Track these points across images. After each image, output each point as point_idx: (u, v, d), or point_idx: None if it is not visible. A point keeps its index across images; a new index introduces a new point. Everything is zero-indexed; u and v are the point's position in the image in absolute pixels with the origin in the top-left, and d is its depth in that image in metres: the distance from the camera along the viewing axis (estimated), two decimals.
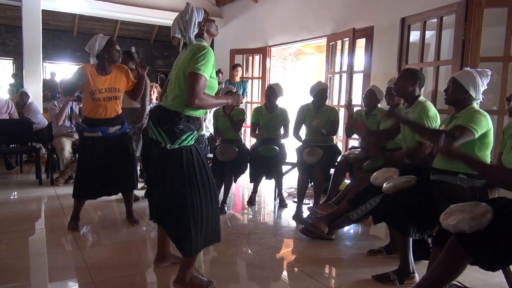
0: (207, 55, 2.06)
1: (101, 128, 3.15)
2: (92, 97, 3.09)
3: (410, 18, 4.09)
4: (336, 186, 3.85)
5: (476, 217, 1.73)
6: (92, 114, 3.15)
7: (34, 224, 3.46)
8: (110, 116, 3.19)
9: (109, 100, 3.15)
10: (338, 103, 5.33)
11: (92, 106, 3.12)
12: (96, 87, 3.08)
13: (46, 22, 9.05)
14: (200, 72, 2.02)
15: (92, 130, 3.15)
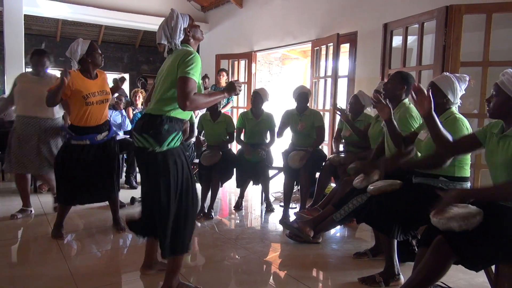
0: (195, 60, 2.09)
1: (89, 136, 3.10)
2: (86, 101, 3.03)
3: (392, 23, 4.17)
4: (321, 190, 3.89)
5: (467, 216, 1.77)
6: (81, 121, 3.08)
7: (17, 233, 3.40)
8: (100, 122, 3.17)
9: (101, 103, 3.13)
10: (323, 107, 5.38)
11: (84, 111, 3.06)
12: (89, 91, 3.04)
13: (29, 27, 8.92)
14: (190, 75, 2.04)
15: (80, 139, 3.10)
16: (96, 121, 3.13)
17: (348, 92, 5.12)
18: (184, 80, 2.03)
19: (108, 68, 10.73)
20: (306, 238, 3.14)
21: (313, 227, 3.11)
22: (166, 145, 2.13)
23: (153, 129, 2.11)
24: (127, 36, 11.36)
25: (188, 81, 2.03)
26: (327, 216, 3.03)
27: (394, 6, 4.42)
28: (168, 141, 2.14)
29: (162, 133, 2.11)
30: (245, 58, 7.09)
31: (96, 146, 3.15)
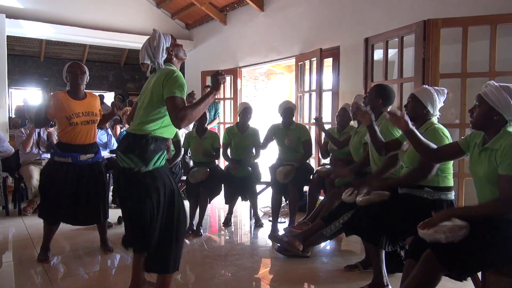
0: (178, 78, 2.11)
1: (72, 154, 3.08)
2: (69, 122, 3.03)
3: (373, 38, 4.27)
4: (313, 204, 3.90)
5: (453, 229, 1.80)
6: (67, 139, 3.08)
7: (1, 257, 3.33)
8: (86, 142, 3.14)
9: (86, 123, 3.11)
10: (308, 121, 5.43)
11: (69, 131, 3.06)
12: (73, 111, 3.04)
13: (12, 48, 8.87)
14: (176, 94, 2.06)
15: (63, 155, 3.08)
16: (81, 140, 3.11)
17: (333, 105, 5.19)
18: (172, 100, 2.06)
19: (93, 87, 10.69)
20: (295, 252, 3.14)
21: (303, 241, 3.12)
22: (152, 165, 2.14)
23: (138, 149, 2.12)
24: (112, 55, 11.38)
25: (175, 100, 2.05)
26: (316, 230, 3.04)
27: (374, 21, 4.54)
28: (154, 161, 2.14)
29: (148, 153, 2.12)
30: (230, 74, 7.14)
31: (80, 166, 3.10)
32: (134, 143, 2.14)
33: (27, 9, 6.62)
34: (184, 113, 2.04)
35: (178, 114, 2.03)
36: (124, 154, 2.15)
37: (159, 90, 2.12)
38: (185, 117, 2.05)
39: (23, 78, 10.64)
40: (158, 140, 2.17)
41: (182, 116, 2.03)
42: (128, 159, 2.13)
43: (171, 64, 2.26)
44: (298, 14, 5.72)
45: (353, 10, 4.87)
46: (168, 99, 2.07)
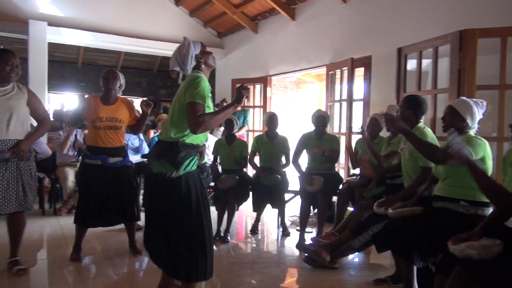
0: (199, 83, 2.14)
1: (101, 157, 3.18)
2: (93, 125, 3.18)
3: (406, 48, 4.20)
4: (341, 215, 3.85)
5: (487, 245, 1.73)
6: (92, 142, 3.22)
7: (36, 255, 3.44)
8: (111, 146, 3.23)
9: (109, 129, 3.21)
10: (339, 130, 5.39)
11: (93, 134, 3.20)
12: (98, 116, 3.17)
13: (52, 54, 9.25)
14: (196, 100, 2.09)
15: (92, 157, 3.20)
16: (105, 144, 3.21)
17: (364, 115, 5.13)
18: (191, 105, 2.09)
19: (127, 93, 10.95)
20: (322, 262, 3.10)
21: (330, 252, 3.08)
22: (183, 170, 2.17)
23: (169, 155, 2.15)
24: (146, 62, 11.69)
25: (194, 106, 2.08)
26: (344, 242, 3.00)
27: (407, 30, 4.46)
28: (185, 166, 2.18)
29: (178, 158, 2.15)
30: (260, 83, 7.18)
31: (110, 169, 3.20)
32: (166, 149, 2.18)
33: (67, 18, 6.91)
34: (202, 120, 2.06)
35: (195, 119, 2.06)
36: (157, 160, 2.19)
37: (183, 97, 2.15)
38: (202, 123, 2.07)
39: (61, 83, 11.08)
40: (188, 148, 2.20)
41: (199, 122, 2.06)
42: (160, 164, 2.17)
43: (199, 71, 2.29)
44: (329, 23, 5.71)
45: (385, 20, 4.82)
46: (187, 104, 2.10)
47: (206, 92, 2.15)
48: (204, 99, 2.12)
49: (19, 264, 2.92)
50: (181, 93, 2.18)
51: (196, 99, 2.09)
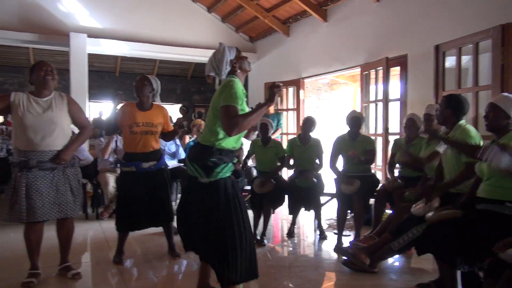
0: (232, 87, 2.16)
1: (135, 163, 3.27)
2: (130, 130, 3.25)
3: (444, 45, 4.08)
4: (379, 217, 3.77)
5: None
6: (129, 148, 3.31)
7: (80, 258, 3.58)
8: (146, 151, 3.31)
9: (145, 134, 3.29)
10: (375, 131, 5.29)
11: (130, 139, 3.28)
12: (134, 121, 3.25)
13: (91, 64, 9.62)
14: (229, 102, 2.12)
15: (127, 165, 3.30)
16: (141, 149, 3.29)
17: (401, 115, 5.00)
18: (224, 108, 2.12)
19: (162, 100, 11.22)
20: (361, 266, 3.04)
21: (369, 254, 3.02)
22: (214, 176, 2.20)
23: (202, 160, 2.20)
24: (180, 69, 11.95)
25: (228, 108, 2.11)
26: (384, 245, 2.93)
27: (445, 27, 4.32)
28: (217, 172, 2.20)
29: (209, 165, 2.18)
30: (293, 85, 7.17)
31: (145, 174, 3.28)
32: (200, 153, 2.22)
33: (105, 29, 7.18)
34: (235, 121, 2.08)
35: (229, 121, 2.08)
36: (190, 163, 2.24)
37: (217, 101, 2.19)
38: (236, 125, 2.08)
39: (100, 92, 11.52)
40: (223, 152, 2.23)
41: (233, 124, 2.08)
42: (194, 168, 2.22)
43: (234, 76, 2.32)
44: (362, 23, 5.63)
45: (421, 17, 4.68)
46: (221, 107, 2.13)
47: (239, 95, 2.17)
48: (237, 101, 2.14)
49: (72, 269, 3.01)
50: (215, 98, 2.22)
51: (229, 101, 2.12)
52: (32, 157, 2.72)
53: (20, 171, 2.71)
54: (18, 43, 7.08)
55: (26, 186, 2.69)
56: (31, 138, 2.72)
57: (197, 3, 7.89)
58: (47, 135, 2.78)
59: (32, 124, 2.72)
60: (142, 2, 7.41)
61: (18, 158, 2.73)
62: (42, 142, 2.75)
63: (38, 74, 2.80)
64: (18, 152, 2.76)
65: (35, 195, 2.70)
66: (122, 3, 7.28)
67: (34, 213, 2.70)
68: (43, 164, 2.75)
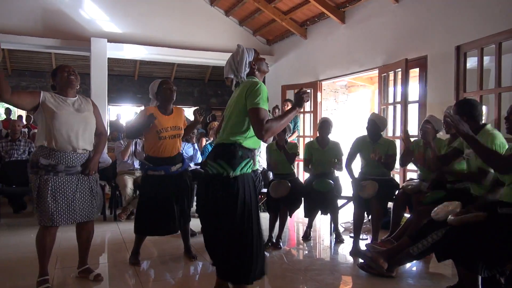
0: (260, 90, 2.17)
1: (164, 167, 3.28)
2: (159, 136, 3.24)
3: (466, 45, 3.99)
4: (397, 221, 3.70)
5: None
6: (156, 152, 3.29)
7: (98, 259, 3.62)
8: (172, 154, 3.34)
9: (173, 138, 3.32)
10: (393, 134, 5.21)
11: (157, 144, 3.27)
12: (162, 126, 3.26)
13: (111, 69, 9.81)
14: (259, 105, 2.12)
15: (155, 169, 3.29)
16: (168, 153, 3.31)
17: (420, 117, 4.91)
18: (255, 111, 2.12)
19: (179, 103, 11.41)
20: (379, 270, 2.98)
21: (387, 259, 2.96)
22: (239, 170, 2.19)
23: (227, 154, 2.20)
24: (197, 72, 12.06)
25: (259, 111, 2.11)
26: (402, 249, 2.87)
27: (466, 27, 4.22)
28: (241, 166, 2.20)
29: (236, 158, 2.19)
30: (310, 88, 7.13)
31: (170, 177, 3.31)
32: (224, 150, 2.22)
33: (125, 33, 7.31)
34: (269, 126, 2.09)
35: (262, 126, 2.08)
36: (214, 161, 2.23)
37: (242, 102, 2.19)
38: (270, 129, 2.10)
39: (119, 96, 11.72)
40: (245, 149, 2.24)
41: (267, 128, 2.09)
42: (217, 165, 2.21)
43: (253, 77, 2.33)
44: (381, 24, 5.56)
45: (441, 17, 4.60)
46: (251, 110, 2.13)
47: (267, 97, 2.19)
48: (266, 104, 2.17)
49: (93, 271, 3.02)
50: (240, 98, 2.21)
51: (260, 105, 2.13)
52: (61, 160, 2.70)
53: (46, 174, 2.68)
54: (41, 48, 7.27)
55: (52, 190, 2.68)
56: (65, 137, 2.70)
57: (215, 7, 7.95)
58: (80, 135, 2.77)
59: (66, 122, 2.70)
60: (161, 7, 7.51)
61: (48, 161, 2.68)
62: (74, 142, 2.74)
63: (61, 75, 2.81)
64: (48, 153, 2.69)
65: (61, 199, 2.70)
66: (141, 9, 7.39)
67: (60, 217, 2.71)
68: (70, 169, 2.74)
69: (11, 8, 6.54)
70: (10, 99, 2.54)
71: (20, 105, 2.70)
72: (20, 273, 3.16)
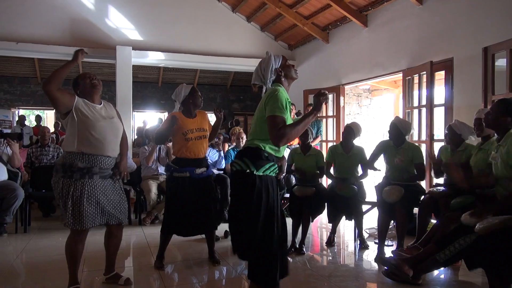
0: (278, 96, 2.17)
1: (188, 169, 3.35)
2: (185, 137, 3.35)
3: (494, 47, 3.89)
4: (423, 227, 3.62)
5: None
6: (182, 154, 3.39)
7: (124, 262, 3.67)
8: (199, 157, 3.41)
9: (199, 139, 3.40)
10: (418, 138, 5.11)
11: (185, 145, 3.37)
12: (188, 128, 3.36)
13: (136, 76, 10.02)
14: (275, 113, 2.13)
15: (180, 171, 3.37)
16: (194, 155, 3.39)
17: (446, 121, 4.81)
18: (271, 119, 2.13)
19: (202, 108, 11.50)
20: (404, 277, 2.92)
21: (413, 266, 2.89)
22: (262, 171, 2.19)
23: (253, 155, 2.21)
24: (220, 78, 12.17)
25: (274, 119, 2.12)
26: (428, 256, 2.80)
27: (493, 28, 4.12)
28: (265, 168, 2.20)
29: (261, 159, 2.19)
30: (333, 92, 7.09)
31: (196, 180, 3.36)
32: (250, 151, 2.23)
33: (149, 41, 7.46)
34: (283, 132, 2.10)
35: (277, 132, 2.09)
36: (239, 159, 2.24)
37: (263, 110, 2.21)
38: (284, 135, 2.10)
39: (143, 102, 11.95)
40: (270, 154, 2.24)
41: (281, 135, 2.09)
42: (242, 162, 2.21)
43: (279, 84, 2.32)
44: (404, 27, 5.48)
45: (467, 18, 4.50)
46: (268, 117, 2.15)
47: (284, 104, 2.18)
48: (283, 111, 2.15)
49: (121, 276, 3.04)
50: (262, 106, 2.25)
51: (275, 112, 2.13)
52: (95, 163, 2.71)
53: (82, 178, 2.67)
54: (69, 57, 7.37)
55: (88, 194, 2.67)
56: (97, 142, 2.70)
57: (237, 13, 8.02)
58: (111, 140, 2.79)
59: (98, 128, 2.71)
60: (184, 14, 7.64)
61: (84, 164, 2.68)
62: (106, 147, 2.75)
63: (84, 82, 2.82)
64: (82, 156, 2.68)
65: (96, 202, 2.71)
66: (165, 17, 7.54)
67: (94, 220, 2.72)
68: (103, 171, 2.77)
69: (40, 19, 6.79)
70: (55, 93, 2.57)
71: (60, 102, 2.64)
72: (49, 276, 3.25)
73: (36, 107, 11.83)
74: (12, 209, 4.43)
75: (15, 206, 4.47)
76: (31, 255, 3.83)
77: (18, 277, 3.37)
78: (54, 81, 2.56)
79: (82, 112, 2.70)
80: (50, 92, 2.56)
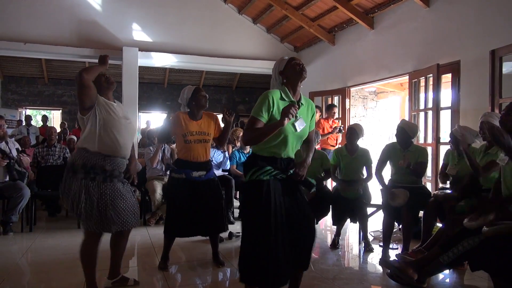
0: (260, 98, 2.25)
1: (185, 171, 3.35)
2: (184, 139, 3.33)
3: (501, 49, 3.86)
4: (428, 230, 3.59)
5: None
6: (183, 155, 3.39)
7: (128, 262, 3.68)
8: (200, 160, 3.38)
9: (198, 142, 3.37)
10: (424, 141, 5.08)
11: (184, 148, 3.36)
12: (188, 130, 3.34)
13: (142, 77, 10.07)
14: (252, 114, 2.22)
15: (178, 171, 3.38)
16: (195, 158, 3.36)
17: (452, 124, 4.78)
18: (248, 120, 2.26)
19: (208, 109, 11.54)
20: (409, 280, 2.90)
21: (417, 269, 2.87)
22: (248, 177, 2.28)
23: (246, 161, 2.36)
24: (225, 79, 12.20)
25: (249, 120, 2.23)
26: (433, 259, 2.78)
27: (501, 31, 4.09)
28: (249, 174, 2.27)
29: (247, 166, 2.32)
30: (338, 94, 7.07)
31: (193, 183, 3.34)
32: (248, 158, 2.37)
33: (155, 42, 7.50)
34: (244, 133, 2.26)
35: (243, 132, 2.27)
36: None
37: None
38: (244, 136, 2.28)
39: (149, 103, 12.00)
40: (257, 158, 2.28)
41: (244, 135, 2.28)
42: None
43: (284, 87, 2.32)
44: (411, 29, 5.46)
45: (474, 21, 4.47)
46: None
47: (266, 106, 2.19)
48: (258, 112, 2.19)
49: (128, 278, 2.99)
50: None
51: (252, 113, 2.22)
52: (116, 166, 2.67)
53: (105, 181, 2.60)
54: (76, 58, 7.55)
55: (111, 197, 2.62)
56: (120, 142, 2.66)
57: (243, 15, 8.04)
58: (128, 141, 2.77)
59: (120, 126, 2.68)
60: (190, 16, 7.67)
61: (110, 166, 2.61)
62: (126, 148, 2.72)
63: (100, 79, 2.73)
64: (104, 158, 2.61)
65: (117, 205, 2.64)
66: (171, 18, 7.57)
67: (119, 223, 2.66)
68: (120, 174, 2.73)
69: (48, 20, 6.85)
70: (90, 82, 2.58)
71: (91, 92, 2.58)
72: (54, 275, 3.27)
73: (43, 107, 11.93)
74: (18, 208, 4.47)
75: (21, 206, 4.51)
76: (36, 255, 3.85)
77: (23, 276, 3.39)
78: (92, 73, 2.61)
79: (105, 109, 2.64)
80: (85, 81, 2.55)
